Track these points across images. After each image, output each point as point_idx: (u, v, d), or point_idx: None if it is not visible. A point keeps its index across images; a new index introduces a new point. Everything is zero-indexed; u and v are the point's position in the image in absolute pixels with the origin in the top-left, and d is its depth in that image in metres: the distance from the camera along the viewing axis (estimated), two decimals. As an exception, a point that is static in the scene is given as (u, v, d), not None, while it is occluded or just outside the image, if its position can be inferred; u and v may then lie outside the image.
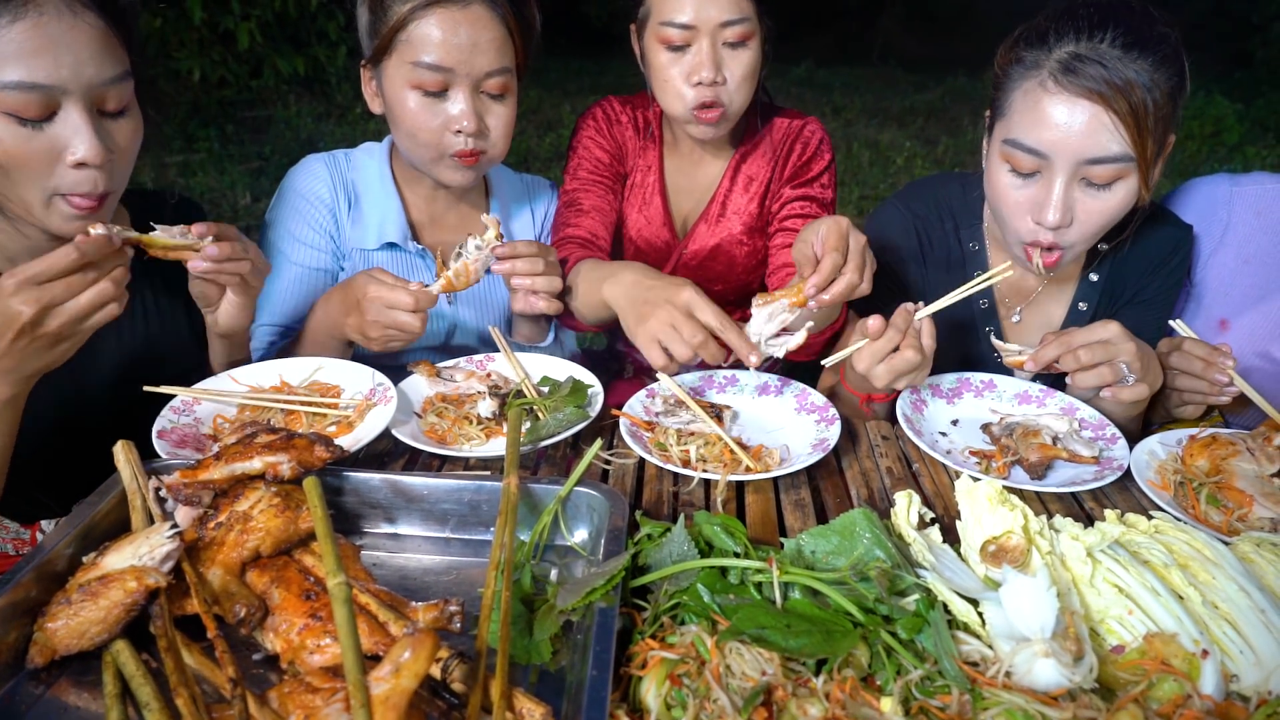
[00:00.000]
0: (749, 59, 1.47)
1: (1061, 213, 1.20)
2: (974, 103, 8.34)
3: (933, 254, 1.50)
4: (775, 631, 0.80)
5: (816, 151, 1.66)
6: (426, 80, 1.33)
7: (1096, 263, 1.44)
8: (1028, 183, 1.24)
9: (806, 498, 1.13)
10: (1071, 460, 1.18)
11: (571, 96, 7.57)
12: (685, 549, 0.91)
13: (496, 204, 1.64)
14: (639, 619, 0.87)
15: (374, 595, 0.85)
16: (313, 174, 1.52)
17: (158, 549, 0.83)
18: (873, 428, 1.32)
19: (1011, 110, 1.23)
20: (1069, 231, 1.23)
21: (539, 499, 1.02)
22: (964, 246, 1.49)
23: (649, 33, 1.48)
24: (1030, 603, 0.81)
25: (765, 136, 1.67)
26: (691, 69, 1.45)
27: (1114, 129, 1.15)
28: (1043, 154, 1.19)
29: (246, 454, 0.94)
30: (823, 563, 0.93)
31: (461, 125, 1.35)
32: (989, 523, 0.96)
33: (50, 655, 0.80)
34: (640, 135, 1.70)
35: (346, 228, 1.52)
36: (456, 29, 1.31)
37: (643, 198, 1.71)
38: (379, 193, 1.52)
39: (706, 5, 1.41)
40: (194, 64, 5.92)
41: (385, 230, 1.51)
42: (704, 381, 1.37)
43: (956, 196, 1.51)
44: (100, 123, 1.08)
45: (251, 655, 0.84)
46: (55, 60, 1.01)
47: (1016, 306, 1.48)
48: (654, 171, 1.70)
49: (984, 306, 1.49)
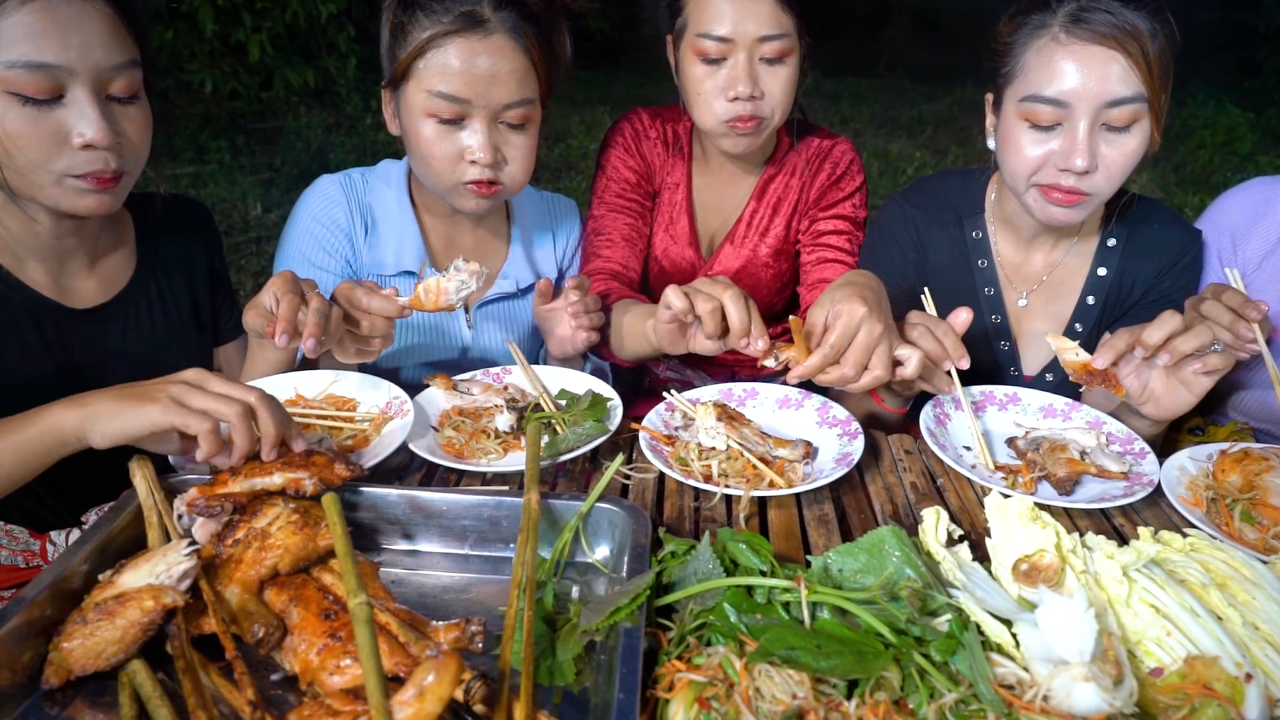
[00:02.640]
0: (786, 76, 1.46)
1: (1088, 156, 1.23)
2: (983, 113, 8.31)
3: (932, 245, 1.53)
4: (805, 652, 0.78)
5: (846, 172, 1.64)
6: (443, 109, 1.29)
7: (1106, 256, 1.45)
8: (1049, 136, 1.27)
9: (830, 513, 1.11)
10: (1100, 475, 1.16)
11: (580, 107, 7.58)
12: (710, 567, 0.89)
13: (518, 230, 1.60)
14: (664, 639, 0.85)
15: (394, 614, 0.83)
16: (327, 197, 1.48)
17: (175, 567, 0.82)
18: (895, 442, 1.30)
19: (1026, 69, 1.28)
20: (1094, 177, 1.26)
21: (559, 515, 1.01)
22: (967, 235, 1.51)
23: (685, 44, 1.47)
24: (1068, 624, 0.79)
25: (795, 156, 1.65)
26: (727, 83, 1.44)
27: (1128, 70, 1.20)
28: (1064, 103, 1.23)
29: (267, 469, 0.93)
30: (850, 581, 0.91)
31: (477, 156, 1.32)
32: (1020, 540, 0.94)
33: (65, 676, 0.78)
34: (669, 150, 1.68)
35: (363, 252, 1.49)
36: (475, 59, 1.27)
37: (670, 216, 1.69)
38: (396, 217, 1.49)
39: (745, 19, 1.39)
40: (205, 76, 5.95)
41: (403, 257, 1.48)
42: (723, 394, 1.35)
43: (957, 189, 1.55)
44: (108, 107, 1.08)
45: (269, 676, 0.83)
46: (63, 41, 1.02)
47: (1023, 290, 1.49)
48: (681, 189, 1.68)
49: (989, 294, 1.49)
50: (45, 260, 1.21)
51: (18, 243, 1.18)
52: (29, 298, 1.19)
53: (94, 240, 1.27)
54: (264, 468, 0.93)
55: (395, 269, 1.49)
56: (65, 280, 1.24)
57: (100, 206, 1.11)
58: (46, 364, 1.21)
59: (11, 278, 1.18)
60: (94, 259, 1.28)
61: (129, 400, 0.95)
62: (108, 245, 1.30)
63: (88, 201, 1.10)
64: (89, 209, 1.11)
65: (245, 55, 6.09)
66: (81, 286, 1.26)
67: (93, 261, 1.27)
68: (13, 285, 1.18)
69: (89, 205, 1.10)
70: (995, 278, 1.50)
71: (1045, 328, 1.48)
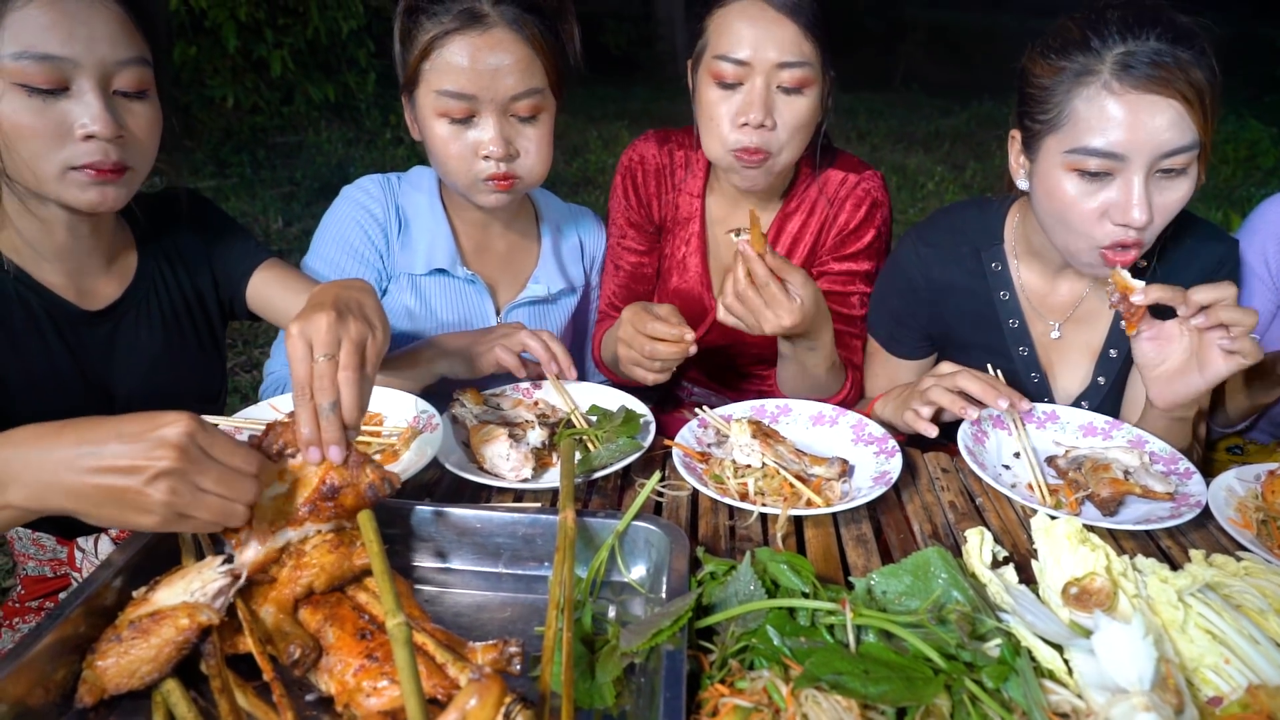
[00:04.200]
0: (804, 108, 1.38)
1: (1146, 210, 1.17)
2: (1001, 128, 8.22)
3: (948, 283, 1.47)
4: (853, 678, 0.76)
5: (868, 216, 1.54)
6: (452, 108, 1.31)
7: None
8: (1100, 186, 1.20)
9: (868, 533, 1.09)
10: (1145, 496, 1.13)
11: (597, 122, 7.62)
12: (752, 588, 0.87)
13: (547, 229, 1.62)
14: (705, 661, 0.83)
15: (430, 635, 0.82)
16: (368, 193, 1.51)
17: (210, 584, 0.81)
18: (931, 460, 1.28)
19: (1075, 119, 1.19)
20: (1149, 226, 1.20)
21: (595, 533, 0.99)
22: (986, 268, 1.46)
23: (703, 67, 1.42)
24: (1126, 651, 0.76)
25: (815, 191, 1.55)
26: (740, 109, 1.37)
27: (1184, 116, 1.14)
28: (1119, 155, 1.16)
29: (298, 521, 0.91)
30: (894, 604, 0.89)
31: (489, 151, 1.33)
32: (1068, 563, 0.91)
33: (99, 694, 0.77)
34: (677, 180, 1.61)
35: (396, 250, 1.50)
36: (477, 54, 1.28)
37: (682, 255, 1.64)
38: (428, 218, 1.50)
39: (765, 43, 1.33)
40: (228, 91, 6.02)
41: (434, 256, 1.49)
42: (756, 411, 1.33)
43: (974, 221, 1.48)
44: (114, 101, 1.09)
45: (304, 696, 0.81)
46: (69, 34, 1.03)
47: (1054, 321, 1.45)
48: (695, 223, 1.61)
49: (1014, 326, 1.45)
50: (63, 261, 1.21)
51: (34, 245, 1.18)
52: (48, 300, 1.19)
53: (110, 241, 1.27)
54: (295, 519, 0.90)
55: (426, 268, 1.50)
56: (82, 282, 1.24)
57: (104, 200, 1.11)
58: (66, 365, 1.21)
59: (30, 279, 1.18)
60: (109, 260, 1.27)
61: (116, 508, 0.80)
62: (121, 245, 1.30)
63: (90, 195, 1.09)
64: (92, 203, 1.10)
65: (267, 70, 6.17)
66: (97, 287, 1.26)
67: (108, 262, 1.27)
68: (31, 287, 1.18)
69: (92, 199, 1.10)
70: (1019, 309, 1.44)
71: (1078, 359, 1.43)
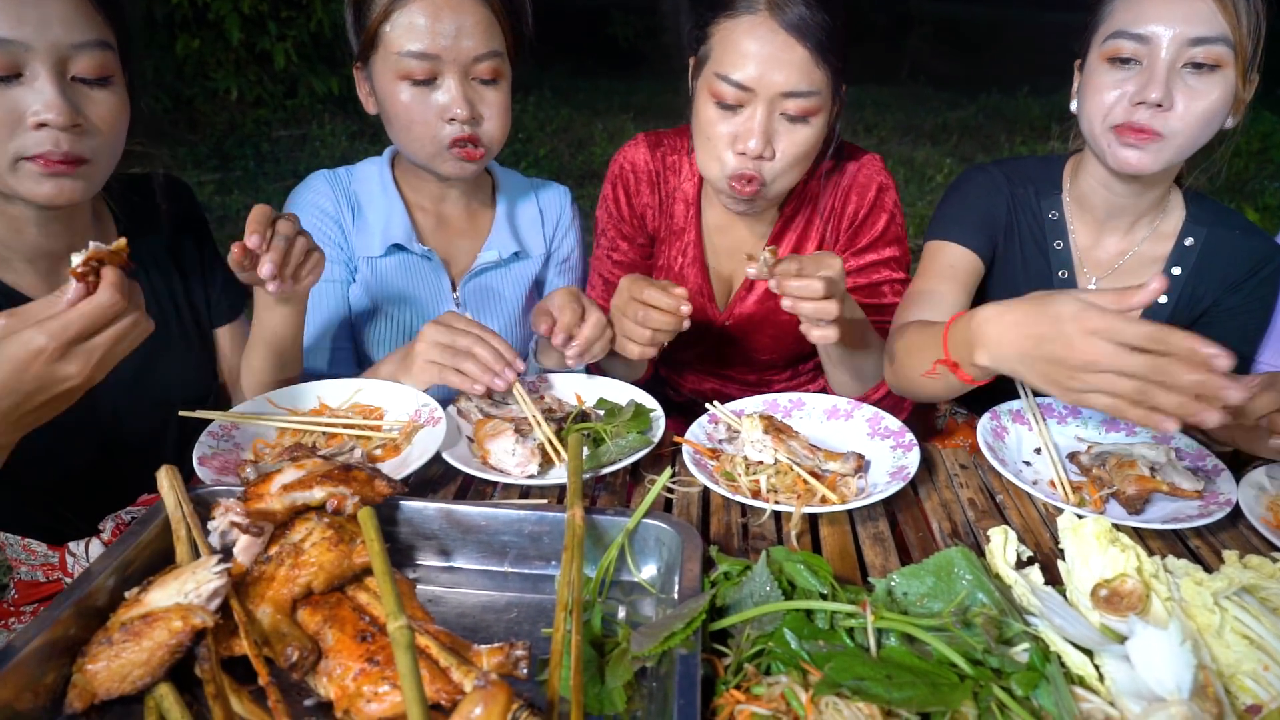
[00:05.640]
0: (806, 138, 1.30)
1: (1164, 90, 1.17)
2: (1009, 120, 8.22)
3: (1018, 215, 1.46)
4: (876, 683, 0.73)
5: (876, 201, 1.47)
6: (415, 69, 1.29)
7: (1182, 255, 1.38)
8: (1129, 75, 1.21)
9: (886, 531, 1.05)
10: (1172, 494, 1.09)
11: (602, 115, 7.58)
12: (768, 589, 0.84)
13: (503, 199, 1.59)
14: (719, 666, 0.80)
15: (434, 637, 0.78)
16: (314, 189, 1.50)
17: (204, 585, 0.77)
18: (949, 455, 1.24)
19: (1114, 10, 1.23)
20: (1170, 118, 1.19)
21: (604, 531, 0.96)
22: (1045, 215, 1.45)
23: (703, 79, 1.32)
24: (1164, 657, 0.73)
25: (816, 185, 1.49)
26: (738, 135, 1.29)
27: (1215, 12, 1.15)
28: (1146, 37, 1.18)
29: (306, 483, 0.88)
30: (916, 606, 0.85)
31: (455, 113, 1.31)
32: (1098, 564, 0.88)
33: (90, 699, 0.74)
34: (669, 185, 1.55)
35: (353, 237, 1.49)
36: (439, 14, 1.27)
37: (680, 265, 1.57)
38: (381, 199, 1.49)
39: (771, 69, 1.23)
40: (231, 83, 5.99)
41: (391, 233, 1.47)
42: (768, 405, 1.29)
43: (1036, 168, 1.48)
44: (71, 87, 1.03)
45: (302, 701, 0.78)
46: (18, 16, 0.97)
47: (1094, 277, 1.43)
48: (690, 233, 1.54)
49: (1063, 278, 1.43)
50: (34, 261, 1.16)
51: (5, 245, 1.13)
52: (15, 301, 1.13)
53: (86, 238, 1.22)
54: (304, 481, 0.89)
55: (383, 247, 1.48)
56: (57, 281, 1.18)
57: (60, 194, 1.04)
58: None
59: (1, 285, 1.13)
60: None
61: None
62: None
63: (45, 188, 1.03)
64: (48, 196, 1.04)
65: (270, 63, 6.13)
66: None
67: None
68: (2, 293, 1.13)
69: (47, 192, 1.03)
70: (1070, 261, 1.43)
71: None
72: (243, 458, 1.14)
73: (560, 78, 8.62)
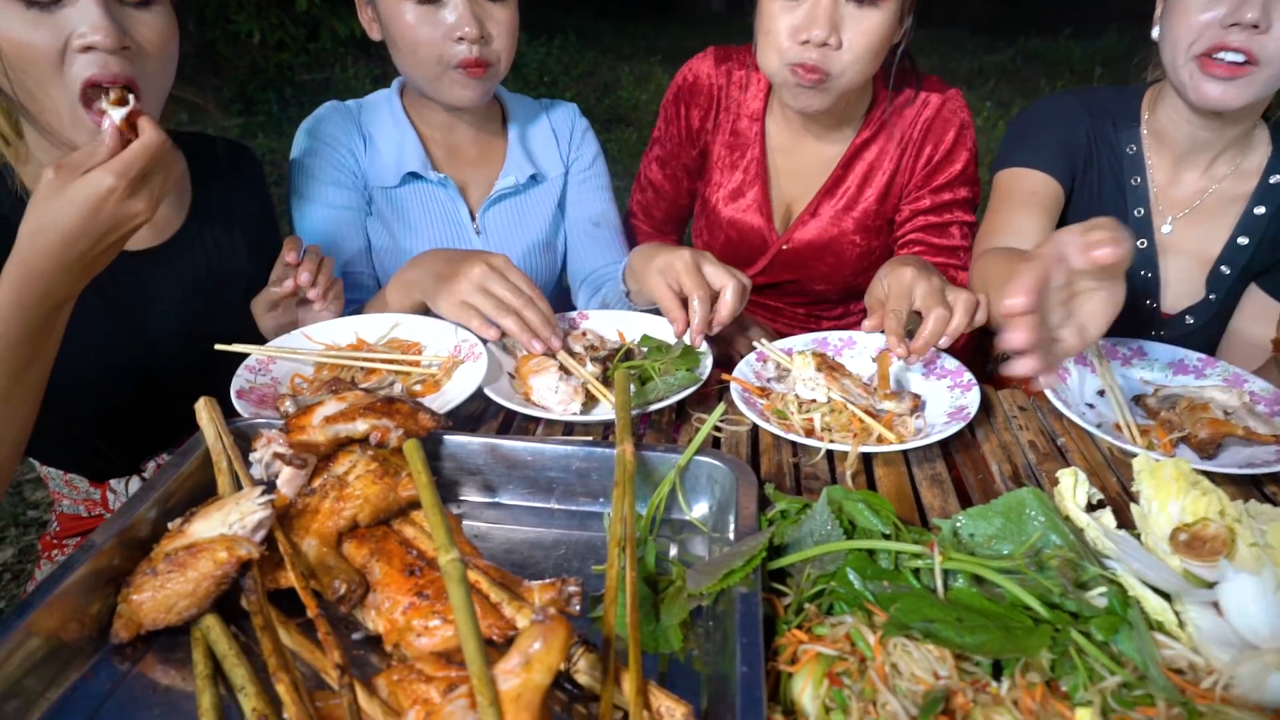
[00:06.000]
0: (875, 25, 1.23)
1: (1260, 9, 1.08)
2: (1049, 64, 7.93)
3: (1097, 145, 1.38)
4: (946, 626, 0.69)
5: (958, 138, 1.40)
6: None
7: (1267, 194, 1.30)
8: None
9: (943, 472, 1.01)
10: (1247, 438, 1.04)
11: (627, 59, 7.41)
12: (830, 528, 0.80)
13: (515, 125, 1.54)
14: (779, 605, 0.77)
15: (484, 573, 0.76)
16: (327, 118, 1.47)
17: (249, 516, 0.75)
18: (1006, 397, 1.19)
19: None
20: (1266, 42, 1.10)
21: (653, 468, 0.92)
22: (1122, 148, 1.36)
23: None
24: (1256, 604, 0.69)
25: (896, 116, 1.41)
26: (802, 23, 1.22)
27: None
28: None
29: (349, 415, 0.85)
30: (984, 548, 0.81)
31: (463, 31, 1.26)
32: (1176, 508, 0.83)
33: (136, 630, 0.72)
34: (732, 99, 1.48)
35: (366, 168, 1.46)
36: None
37: (739, 182, 1.50)
38: (391, 129, 1.46)
39: None
40: (253, 26, 5.89)
41: (404, 161, 1.44)
42: (818, 343, 1.25)
43: (1113, 100, 1.39)
44: (116, 9, 0.99)
45: (350, 635, 0.76)
46: None
47: (1169, 216, 1.35)
48: (755, 146, 1.47)
49: (1139, 215, 1.36)
50: None
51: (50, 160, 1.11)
52: None
53: None
54: (347, 414, 0.86)
55: (398, 176, 1.45)
56: None
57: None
58: (97, 303, 1.15)
59: None
60: None
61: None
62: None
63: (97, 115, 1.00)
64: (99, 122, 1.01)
65: (293, 6, 6.01)
66: None
67: None
68: None
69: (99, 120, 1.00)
70: (1147, 198, 1.35)
71: (1189, 263, 1.34)
72: (280, 392, 1.12)
73: (584, 20, 8.42)
